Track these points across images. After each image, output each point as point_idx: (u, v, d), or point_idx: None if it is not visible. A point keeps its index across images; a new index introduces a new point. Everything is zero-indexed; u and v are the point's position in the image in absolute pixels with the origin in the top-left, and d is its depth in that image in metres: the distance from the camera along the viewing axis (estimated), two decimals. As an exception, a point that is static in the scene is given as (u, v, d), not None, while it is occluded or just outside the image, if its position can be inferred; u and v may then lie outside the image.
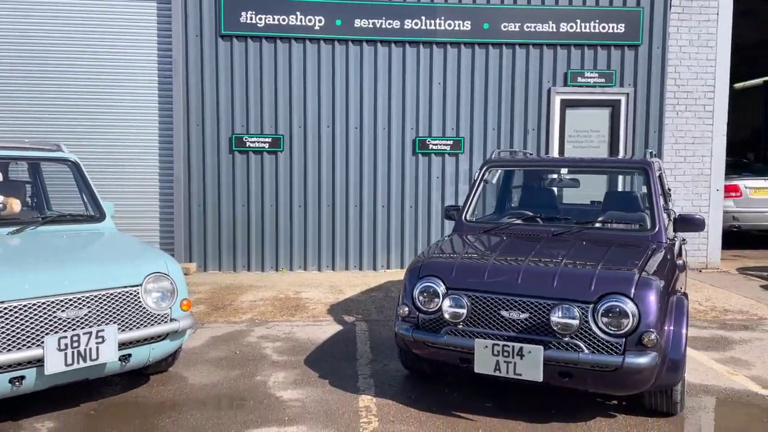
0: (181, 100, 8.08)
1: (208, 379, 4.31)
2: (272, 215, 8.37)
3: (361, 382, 4.28)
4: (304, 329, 5.63)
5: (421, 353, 3.89)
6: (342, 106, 8.34)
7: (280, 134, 8.28)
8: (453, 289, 3.74)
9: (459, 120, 8.50)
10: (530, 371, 3.39)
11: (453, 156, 8.52)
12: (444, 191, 8.53)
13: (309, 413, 3.74)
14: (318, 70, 8.26)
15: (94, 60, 8.02)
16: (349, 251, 8.50)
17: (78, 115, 8.03)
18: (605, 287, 3.43)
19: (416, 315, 3.84)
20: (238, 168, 8.27)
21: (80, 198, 4.88)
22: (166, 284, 3.92)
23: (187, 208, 8.22)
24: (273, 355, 4.88)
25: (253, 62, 8.17)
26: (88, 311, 3.51)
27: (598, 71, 8.55)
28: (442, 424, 3.60)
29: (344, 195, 8.43)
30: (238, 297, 6.87)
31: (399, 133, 8.44)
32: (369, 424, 3.58)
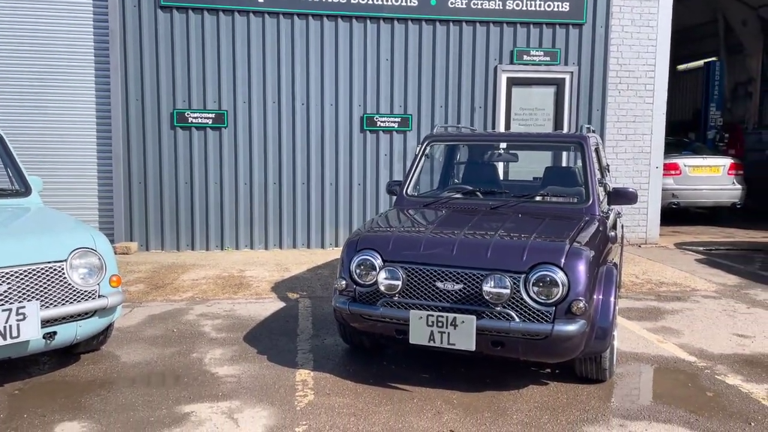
0: (119, 74, 7.79)
1: (142, 357, 4.20)
2: (217, 193, 8.20)
3: (299, 357, 4.25)
4: (245, 306, 5.55)
5: (359, 326, 3.87)
6: (288, 82, 8.19)
7: (224, 110, 8.09)
8: (389, 261, 3.73)
9: (407, 97, 8.46)
10: (463, 341, 3.42)
11: (401, 133, 8.50)
12: (392, 168, 8.52)
13: (244, 388, 3.70)
14: (263, 44, 8.08)
15: (25, 30, 7.63)
16: (297, 229, 8.42)
17: (9, 89, 7.65)
18: (536, 257, 3.48)
19: (353, 288, 3.82)
20: (180, 144, 8.06)
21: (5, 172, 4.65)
22: (94, 260, 3.78)
23: (127, 186, 7.97)
24: (211, 332, 4.80)
25: (194, 35, 7.93)
26: (8, 287, 3.36)
27: (544, 50, 8.63)
28: (377, 395, 3.61)
29: (291, 172, 8.32)
30: (179, 276, 6.73)
31: (346, 109, 8.36)
32: (304, 398, 3.56)
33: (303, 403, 3.48)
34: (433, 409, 3.43)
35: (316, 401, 3.52)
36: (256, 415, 3.33)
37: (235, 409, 3.41)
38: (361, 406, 3.46)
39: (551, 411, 3.41)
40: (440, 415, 3.35)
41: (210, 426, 3.20)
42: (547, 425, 3.24)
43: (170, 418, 3.27)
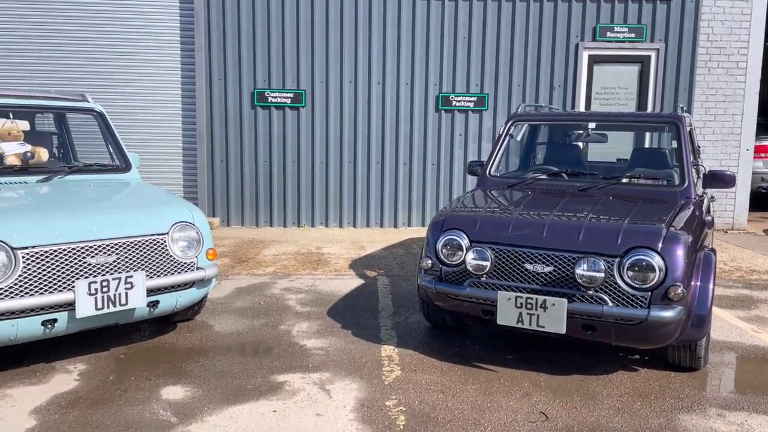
0: (203, 54, 8.03)
1: (234, 328, 4.39)
2: (294, 171, 8.38)
3: (383, 333, 4.33)
4: (326, 282, 5.69)
5: (444, 305, 3.90)
6: (365, 61, 8.23)
7: (302, 89, 8.22)
8: (477, 242, 3.73)
9: (483, 76, 8.35)
10: (553, 323, 3.40)
11: (476, 113, 8.40)
12: (467, 148, 8.45)
13: (332, 361, 3.81)
14: (341, 24, 8.13)
15: (116, 11, 7.97)
16: (371, 208, 8.51)
17: (101, 69, 8.04)
18: (632, 241, 3.39)
19: (439, 268, 3.85)
20: (260, 123, 8.26)
21: (106, 148, 4.91)
22: (192, 233, 3.96)
23: (210, 163, 8.26)
24: (296, 306, 4.95)
25: (275, 14, 8.07)
26: (116, 257, 3.57)
27: (629, 26, 8.30)
28: (463, 374, 3.64)
29: (366, 152, 8.39)
30: (261, 251, 6.95)
31: (422, 89, 8.33)
32: (391, 373, 3.63)
33: (391, 378, 3.56)
34: (520, 390, 3.43)
35: (403, 377, 3.58)
36: (346, 387, 3.43)
37: (326, 380, 3.52)
38: (448, 384, 3.50)
39: (643, 397, 3.35)
40: (528, 396, 3.35)
41: (304, 395, 3.31)
42: (640, 411, 3.19)
43: (266, 387, 3.42)
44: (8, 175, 4.13)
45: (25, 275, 3.24)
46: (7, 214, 3.37)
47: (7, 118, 4.41)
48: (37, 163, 4.44)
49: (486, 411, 3.17)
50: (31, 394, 3.25)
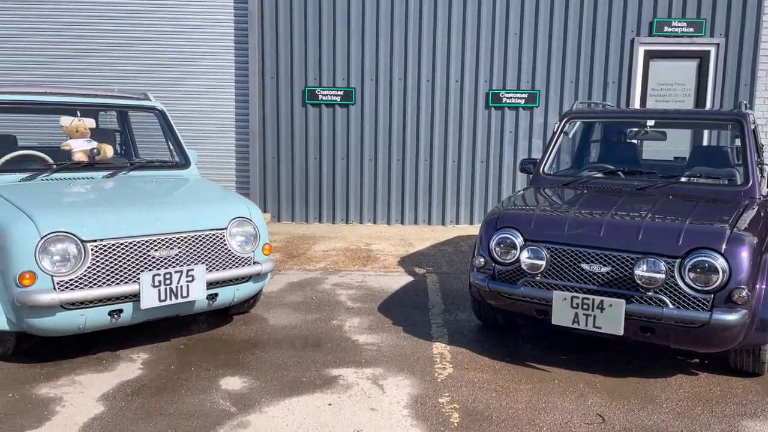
0: (257, 53, 8.19)
1: (287, 321, 4.48)
2: (343, 168, 8.46)
3: (434, 331, 4.34)
4: (376, 279, 5.73)
5: (496, 304, 3.89)
6: (414, 59, 8.23)
7: (352, 87, 8.29)
8: (531, 240, 3.71)
9: (535, 73, 8.24)
10: (610, 325, 3.35)
11: (527, 110, 8.31)
12: (517, 146, 8.37)
13: (385, 357, 3.84)
14: (391, 20, 8.16)
15: (174, 10, 8.20)
16: (419, 205, 8.51)
17: (159, 67, 8.28)
18: (694, 241, 3.31)
19: (492, 266, 3.84)
20: (310, 121, 8.37)
21: (166, 145, 5.07)
22: (250, 228, 4.06)
23: (261, 160, 8.42)
24: (347, 301, 5.01)
25: (326, 13, 8.15)
26: (178, 251, 3.69)
27: (687, 20, 8.05)
28: (516, 373, 3.62)
29: (414, 149, 8.40)
30: (311, 247, 7.05)
31: (472, 86, 8.28)
32: (444, 370, 3.65)
33: (443, 375, 3.57)
34: (575, 391, 3.40)
35: (455, 374, 3.59)
36: (399, 383, 3.46)
37: (379, 376, 3.56)
38: (501, 383, 3.49)
39: (704, 402, 3.27)
40: (584, 398, 3.31)
41: (358, 390, 3.36)
42: (701, 416, 3.11)
43: (320, 380, 3.48)
44: (76, 171, 4.32)
45: (94, 267, 3.39)
46: (77, 209, 3.53)
47: (75, 116, 4.61)
48: (102, 159, 4.62)
49: (541, 411, 3.15)
50: (98, 381, 3.39)
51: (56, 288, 3.27)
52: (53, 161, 4.37)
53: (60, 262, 3.30)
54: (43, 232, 3.29)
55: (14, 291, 3.24)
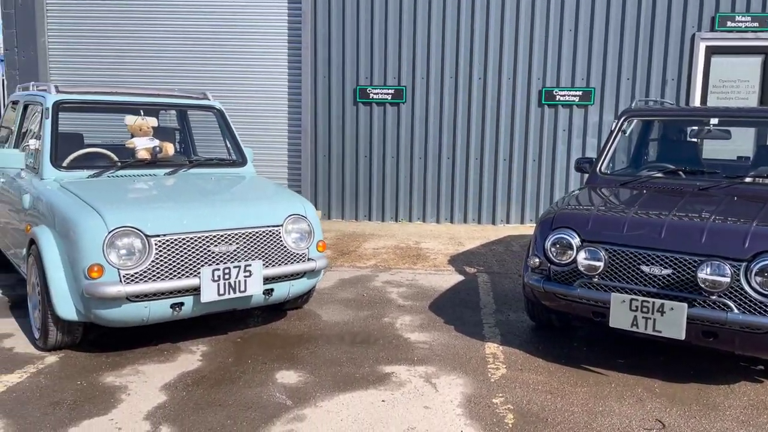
0: (309, 52, 8.29)
1: (340, 318, 4.53)
2: (393, 166, 8.49)
3: (486, 330, 4.32)
4: (426, 277, 5.73)
5: (551, 305, 3.84)
6: (466, 57, 8.18)
7: (403, 86, 8.30)
8: (588, 241, 3.64)
9: (590, 70, 8.08)
10: (671, 329, 3.26)
11: (581, 108, 8.15)
12: (570, 145, 8.22)
13: (437, 355, 3.84)
14: (443, 18, 8.13)
15: (231, 11, 8.39)
16: (468, 204, 8.47)
17: (215, 65, 8.49)
18: (761, 244, 3.19)
19: (547, 267, 3.79)
20: (361, 119, 8.42)
21: (223, 143, 5.19)
22: (304, 226, 4.12)
23: (313, 158, 8.53)
24: (398, 299, 5.03)
25: (378, 12, 8.19)
26: (236, 247, 3.78)
27: (752, 14, 7.74)
28: (571, 376, 3.57)
29: (465, 147, 8.36)
30: (361, 244, 7.11)
31: (524, 83, 8.18)
32: (497, 370, 3.62)
33: (497, 376, 3.55)
34: (633, 395, 3.32)
35: (509, 375, 3.56)
36: (452, 382, 3.46)
37: (432, 374, 3.56)
38: (556, 385, 3.44)
39: (771, 412, 3.15)
40: (642, 403, 3.23)
41: (411, 387, 3.38)
42: (766, 425, 3.00)
43: (373, 377, 3.51)
44: (139, 168, 4.47)
45: (157, 261, 3.51)
46: (141, 205, 3.66)
47: (138, 116, 4.77)
48: (164, 157, 4.77)
49: (598, 415, 3.09)
50: (160, 371, 3.51)
51: (122, 281, 3.40)
52: (118, 159, 4.53)
53: (126, 255, 3.43)
54: (110, 227, 3.42)
55: (83, 283, 3.38)
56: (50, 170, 4.14)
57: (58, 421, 2.89)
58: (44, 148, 4.22)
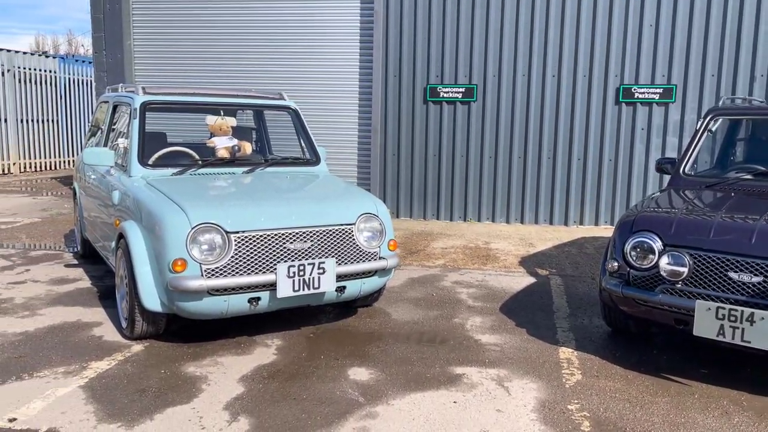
0: (381, 52, 8.34)
1: (409, 317, 4.54)
2: (462, 165, 8.43)
3: (560, 335, 4.22)
4: (496, 278, 5.66)
5: (630, 311, 3.71)
6: (540, 54, 8.02)
7: (474, 84, 8.22)
8: (672, 246, 3.49)
9: (671, 66, 7.75)
10: (762, 340, 3.08)
11: (662, 105, 7.83)
12: (649, 144, 7.92)
13: (509, 359, 3.79)
14: (516, 14, 7.99)
15: (304, 13, 8.56)
16: (540, 204, 8.30)
17: (287, 64, 8.69)
18: None
19: (627, 271, 3.66)
20: (431, 118, 8.41)
21: (297, 142, 5.30)
22: (376, 224, 4.15)
23: (382, 157, 8.58)
24: (468, 300, 4.99)
25: (450, 10, 8.14)
26: (311, 244, 3.85)
27: None
28: (651, 385, 3.44)
29: (537, 146, 8.20)
30: (430, 243, 7.10)
31: (601, 80, 7.94)
32: (572, 376, 3.54)
33: (572, 382, 3.46)
34: (718, 408, 3.17)
35: (584, 381, 3.47)
36: (525, 386, 3.40)
37: (504, 377, 3.52)
38: (635, 394, 3.33)
39: None
40: (729, 416, 3.08)
41: (482, 390, 3.34)
42: None
43: (444, 377, 3.50)
44: (219, 167, 4.63)
45: (236, 257, 3.62)
46: (221, 202, 3.79)
47: (218, 116, 4.94)
48: (242, 155, 4.92)
49: (680, 427, 2.97)
50: (238, 363, 3.63)
51: (203, 275, 3.53)
52: (199, 157, 4.71)
53: (207, 251, 3.56)
54: (193, 223, 3.56)
55: (167, 276, 3.54)
56: (137, 168, 4.36)
57: (144, 408, 3.04)
58: (132, 146, 4.43)
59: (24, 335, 3.98)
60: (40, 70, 14.20)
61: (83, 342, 3.89)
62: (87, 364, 3.54)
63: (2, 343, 3.83)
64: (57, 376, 3.37)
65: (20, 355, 3.65)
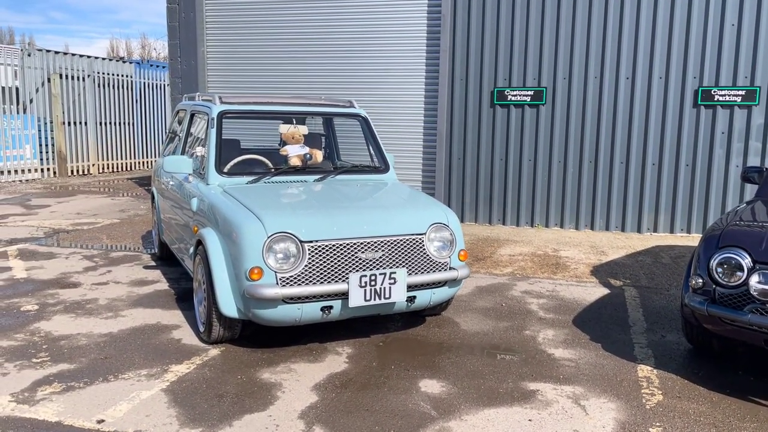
0: (447, 56, 8.29)
1: (479, 328, 4.49)
2: (530, 170, 8.27)
3: (637, 351, 4.07)
4: (567, 288, 5.53)
5: (715, 329, 3.54)
6: (613, 55, 7.77)
7: (543, 87, 8.05)
8: (763, 263, 3.31)
9: (755, 67, 7.35)
10: None
11: (744, 108, 7.44)
12: (730, 149, 7.54)
13: (584, 375, 3.69)
14: (588, 16, 7.78)
15: (371, 18, 8.60)
16: (611, 211, 8.05)
17: (354, 70, 8.76)
18: None
19: (712, 288, 3.49)
20: (498, 122, 8.29)
21: (365, 149, 5.33)
22: (447, 234, 4.12)
23: (447, 161, 8.53)
24: (539, 311, 4.89)
25: (519, 13, 8.00)
26: (382, 254, 3.86)
27: None
28: (738, 408, 3.27)
29: (609, 151, 7.95)
30: (496, 250, 7.00)
31: (678, 82, 7.62)
32: (652, 396, 3.41)
33: (652, 403, 3.33)
34: (815, 438, 2.98)
35: (666, 403, 3.34)
36: (603, 406, 3.30)
37: (580, 395, 3.42)
38: (721, 418, 3.17)
39: None
40: (828, 448, 2.89)
41: (558, 408, 3.26)
42: None
43: (518, 393, 3.43)
44: (292, 174, 4.71)
45: (309, 266, 3.67)
46: (295, 211, 3.85)
47: (291, 124, 5.03)
48: (313, 163, 4.99)
49: (773, 457, 2.81)
50: (311, 370, 3.68)
51: (278, 283, 3.59)
52: (272, 165, 4.81)
53: (282, 259, 3.63)
54: (269, 232, 3.64)
55: (244, 284, 3.62)
56: (215, 176, 4.48)
57: (223, 414, 3.12)
58: (209, 155, 4.57)
59: (108, 336, 4.17)
60: (118, 75, 14.87)
61: (163, 345, 4.04)
62: (168, 367, 3.67)
63: (89, 344, 4.02)
64: (140, 379, 3.51)
65: (106, 356, 3.82)
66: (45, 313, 4.60)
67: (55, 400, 3.23)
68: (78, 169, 13.96)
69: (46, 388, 3.37)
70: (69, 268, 5.90)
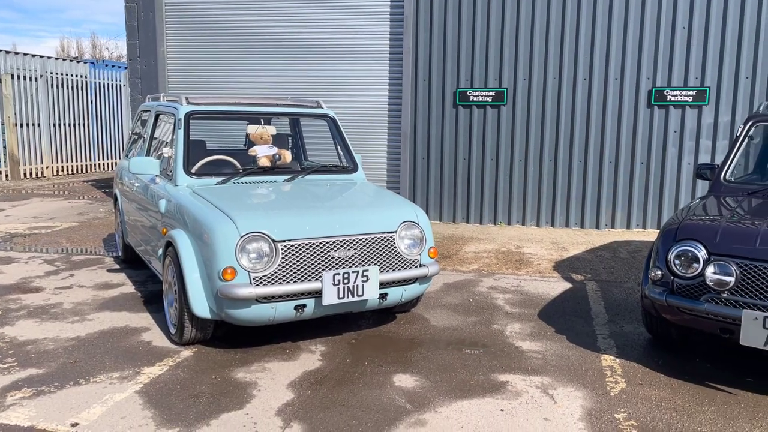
0: (410, 56, 8.39)
1: (448, 323, 4.59)
2: (492, 169, 8.44)
3: (600, 342, 4.23)
4: (531, 283, 5.68)
5: (673, 319, 3.71)
6: (570, 57, 8.00)
7: (504, 87, 8.23)
8: (717, 254, 3.49)
9: (705, 68, 7.68)
10: (812, 350, 3.07)
11: (695, 108, 7.77)
12: (682, 147, 7.86)
13: (551, 366, 3.82)
14: (547, 16, 7.99)
15: (334, 18, 8.63)
16: (571, 208, 8.28)
17: (318, 70, 8.77)
18: None
19: (670, 279, 3.66)
20: (461, 122, 8.43)
21: (333, 149, 5.37)
22: (417, 232, 4.20)
23: (412, 161, 8.63)
24: (505, 306, 5.02)
25: (480, 14, 8.16)
26: (354, 252, 3.92)
27: None
28: (696, 393, 3.44)
29: (568, 149, 8.18)
30: (461, 247, 7.13)
31: (633, 83, 7.90)
32: (616, 384, 3.56)
33: (616, 390, 3.48)
34: (766, 417, 3.17)
35: (629, 390, 3.49)
36: (570, 394, 3.43)
37: (548, 385, 3.55)
38: (681, 402, 3.34)
39: None
40: (779, 427, 3.08)
41: (528, 398, 3.38)
42: None
43: (488, 385, 3.54)
44: (261, 175, 4.72)
45: (283, 265, 3.70)
46: (267, 211, 3.87)
47: (259, 124, 5.03)
48: (282, 164, 5.00)
49: (730, 437, 2.98)
50: (285, 369, 3.71)
51: (252, 283, 3.61)
52: (241, 166, 4.80)
53: (255, 259, 3.64)
54: (242, 232, 3.65)
55: (217, 284, 3.63)
56: (183, 177, 4.46)
57: (200, 413, 3.13)
58: (177, 156, 4.54)
59: (76, 340, 4.10)
60: (72, 75, 14.49)
61: (134, 347, 4.00)
62: (140, 370, 3.65)
63: (57, 348, 3.95)
64: (113, 381, 3.48)
65: (75, 360, 3.77)
66: (8, 319, 4.49)
67: (26, 405, 3.17)
68: (31, 172, 13.56)
69: (16, 393, 3.31)
70: (29, 273, 5.76)
